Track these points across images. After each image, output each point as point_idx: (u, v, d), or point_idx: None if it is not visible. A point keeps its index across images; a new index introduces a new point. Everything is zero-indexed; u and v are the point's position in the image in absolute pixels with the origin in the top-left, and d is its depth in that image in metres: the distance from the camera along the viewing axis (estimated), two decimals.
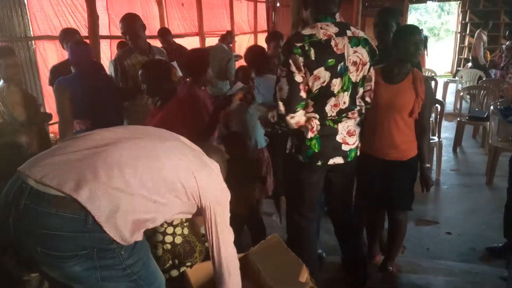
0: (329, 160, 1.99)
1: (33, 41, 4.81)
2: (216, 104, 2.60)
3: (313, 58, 1.76)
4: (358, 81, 1.94)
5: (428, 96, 2.23)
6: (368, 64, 1.94)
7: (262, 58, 3.04)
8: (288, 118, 1.84)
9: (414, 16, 18.91)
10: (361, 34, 1.91)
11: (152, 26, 6.30)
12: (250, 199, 2.65)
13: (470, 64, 9.52)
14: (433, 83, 6.36)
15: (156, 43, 4.77)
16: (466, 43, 11.59)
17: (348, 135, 2.00)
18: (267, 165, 2.78)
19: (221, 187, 1.47)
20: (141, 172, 1.24)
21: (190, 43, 7.05)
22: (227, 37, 6.48)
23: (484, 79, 7.10)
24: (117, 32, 5.98)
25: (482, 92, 5.48)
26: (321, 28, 1.81)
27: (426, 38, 11.49)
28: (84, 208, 1.15)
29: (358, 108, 2.00)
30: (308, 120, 1.89)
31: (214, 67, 5.87)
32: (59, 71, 3.22)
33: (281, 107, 1.84)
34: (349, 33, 1.86)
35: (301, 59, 1.76)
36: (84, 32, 5.09)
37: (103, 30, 5.24)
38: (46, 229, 1.16)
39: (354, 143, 2.04)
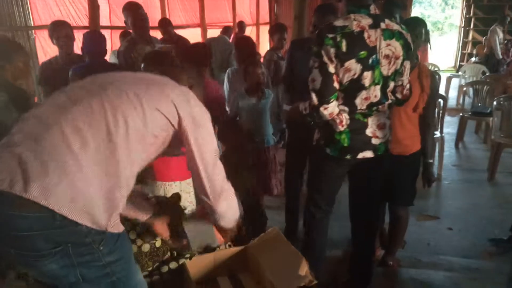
0: (359, 154, 1.97)
1: (33, 31, 4.77)
2: None
3: (344, 50, 1.75)
4: (389, 74, 1.89)
5: (434, 91, 2.21)
6: (402, 58, 1.88)
7: (252, 49, 3.04)
8: (321, 109, 1.83)
9: (418, 10, 18.77)
10: (395, 27, 1.85)
11: (153, 17, 6.22)
12: (247, 188, 2.66)
13: (473, 59, 9.46)
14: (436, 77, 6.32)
15: (157, 34, 4.72)
16: (470, 37, 11.51)
17: (378, 128, 1.97)
18: (273, 165, 2.77)
19: (198, 104, 1.36)
20: (91, 142, 1.14)
21: (192, 34, 6.99)
22: (229, 30, 6.45)
23: (487, 74, 7.06)
24: (118, 22, 5.93)
25: (485, 87, 5.44)
26: (354, 19, 1.78)
27: (428, 32, 11.41)
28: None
29: (389, 101, 1.97)
30: (337, 113, 1.88)
31: (216, 58, 5.85)
32: (51, 67, 3.11)
33: (314, 98, 1.83)
34: (382, 25, 1.82)
35: (332, 50, 1.75)
36: (84, 22, 5.07)
37: (103, 20, 5.18)
38: (16, 231, 1.11)
39: (384, 137, 2.00)
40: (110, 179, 1.17)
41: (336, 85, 1.81)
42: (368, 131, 1.95)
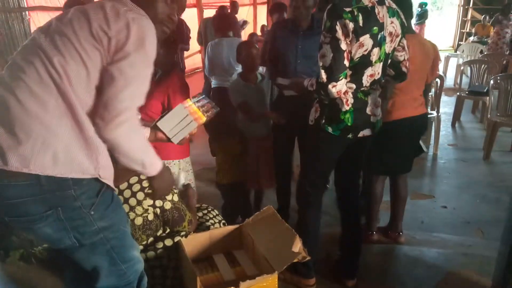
0: (359, 133, 1.98)
1: (27, 12, 4.71)
2: None
3: (361, 24, 1.73)
4: (389, 52, 1.93)
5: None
6: (400, 36, 1.93)
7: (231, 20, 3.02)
8: (330, 86, 1.77)
9: None
10: (394, 5, 1.89)
11: None
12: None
13: (472, 38, 9.39)
14: None
15: None
16: (469, 16, 11.40)
17: (375, 106, 2.00)
18: (265, 157, 2.71)
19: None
20: (47, 100, 1.17)
21: (188, 15, 6.91)
22: (232, 9, 6.36)
23: (485, 53, 7.02)
24: None
25: (482, 66, 5.42)
26: None
27: (426, 11, 11.30)
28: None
29: (384, 79, 2.02)
30: (344, 92, 1.87)
31: (212, 39, 5.78)
32: None
33: (323, 75, 1.78)
34: (386, 2, 1.84)
35: (351, 24, 1.71)
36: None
37: None
38: (7, 200, 1.18)
39: (379, 114, 2.04)
40: (77, 126, 1.20)
41: (346, 62, 1.78)
42: (368, 110, 1.96)
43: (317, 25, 2.43)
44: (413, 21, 11.35)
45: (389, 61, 1.98)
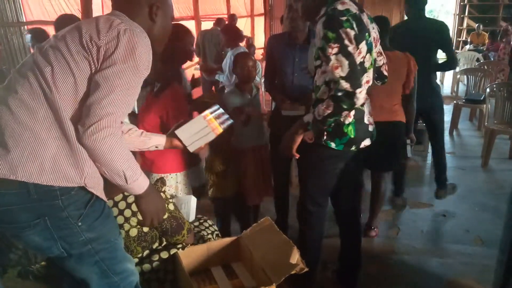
0: (361, 144, 1.95)
1: (25, 26, 4.74)
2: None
3: (357, 32, 1.71)
4: (376, 57, 1.95)
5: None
6: (379, 40, 1.97)
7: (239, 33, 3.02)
8: (357, 93, 1.67)
9: None
10: (368, 12, 1.92)
11: None
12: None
13: (468, 46, 9.46)
14: None
15: None
16: (465, 25, 11.49)
17: (370, 115, 1.99)
18: (261, 167, 2.69)
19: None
20: (37, 109, 1.20)
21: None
22: (222, 22, 6.42)
23: (481, 61, 7.06)
24: None
25: (479, 74, 5.45)
26: (349, 4, 1.76)
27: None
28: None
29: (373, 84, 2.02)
30: None
31: (210, 51, 5.83)
32: None
33: (345, 85, 1.66)
34: (364, 10, 1.86)
35: (352, 32, 1.69)
36: (77, 16, 5.04)
37: (96, 14, 5.15)
38: None
39: (373, 123, 2.03)
40: (64, 135, 1.21)
41: (359, 67, 1.73)
42: (365, 119, 1.95)
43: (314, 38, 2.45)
44: None
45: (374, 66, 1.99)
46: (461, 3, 11.38)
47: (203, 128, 1.70)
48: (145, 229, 1.70)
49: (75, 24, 1.30)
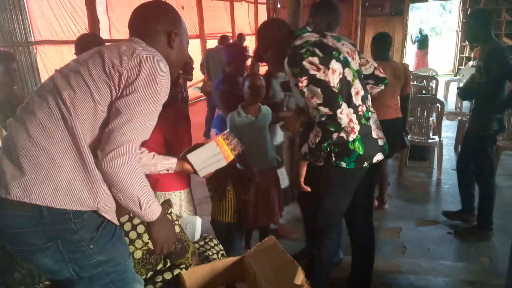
0: (373, 159, 1.95)
1: (34, 46, 4.84)
2: None
3: (321, 55, 1.77)
4: (358, 68, 1.98)
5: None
6: (356, 52, 2.01)
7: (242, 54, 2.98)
8: (338, 113, 1.72)
9: (416, 16, 18.84)
10: (335, 34, 2.00)
11: None
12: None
13: (471, 62, 9.47)
14: (434, 82, 6.35)
15: None
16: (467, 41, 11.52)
17: (378, 129, 2.00)
18: (268, 191, 2.60)
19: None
20: (55, 132, 1.20)
21: (191, 46, 7.06)
22: (226, 39, 6.50)
23: None
24: (118, 35, 6.02)
25: None
26: (307, 36, 1.87)
27: (426, 36, 11.45)
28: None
29: (370, 93, 2.08)
30: (349, 120, 1.85)
31: (215, 69, 5.90)
32: None
33: (324, 109, 1.74)
34: (328, 34, 1.94)
35: (315, 59, 1.75)
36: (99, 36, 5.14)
37: (103, 34, 5.26)
38: (9, 229, 1.21)
39: (384, 137, 2.04)
40: (80, 159, 1.22)
41: (334, 89, 1.78)
42: (374, 134, 1.95)
43: None
44: (415, 46, 11.55)
45: (362, 76, 2.03)
46: (463, 20, 11.45)
47: (215, 154, 1.67)
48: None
49: (96, 50, 1.31)
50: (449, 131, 5.93)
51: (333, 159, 1.89)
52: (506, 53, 2.82)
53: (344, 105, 1.76)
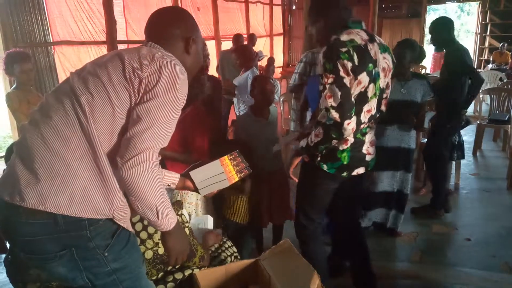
0: (354, 171, 1.98)
1: (52, 46, 4.90)
2: None
3: (357, 63, 1.74)
4: (383, 87, 1.93)
5: None
6: (392, 71, 1.95)
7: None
8: (345, 124, 1.75)
9: (434, 17, 18.59)
10: (383, 42, 1.94)
11: None
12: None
13: (490, 65, 9.31)
14: None
15: None
16: (487, 44, 11.34)
17: (370, 145, 2.01)
18: (278, 191, 2.64)
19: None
20: (71, 138, 1.18)
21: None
22: (240, 38, 6.49)
23: (505, 81, 6.92)
24: (135, 36, 6.07)
25: (503, 94, 5.34)
26: (357, 33, 1.81)
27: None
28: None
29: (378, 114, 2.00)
30: None
31: (229, 70, 5.89)
32: None
33: (335, 114, 1.74)
34: (377, 39, 1.88)
35: (349, 64, 1.73)
36: (102, 37, 5.20)
37: (120, 35, 5.31)
38: (24, 236, 1.20)
39: (374, 153, 2.05)
40: (97, 166, 1.20)
41: (352, 99, 1.77)
42: (364, 149, 1.97)
43: None
44: (432, 48, 11.37)
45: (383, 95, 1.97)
46: (483, 22, 11.26)
47: (218, 174, 1.63)
48: (161, 251, 1.69)
49: (116, 52, 1.30)
50: (467, 135, 5.81)
51: (318, 159, 1.95)
52: (466, 54, 3.25)
53: (353, 118, 1.78)
